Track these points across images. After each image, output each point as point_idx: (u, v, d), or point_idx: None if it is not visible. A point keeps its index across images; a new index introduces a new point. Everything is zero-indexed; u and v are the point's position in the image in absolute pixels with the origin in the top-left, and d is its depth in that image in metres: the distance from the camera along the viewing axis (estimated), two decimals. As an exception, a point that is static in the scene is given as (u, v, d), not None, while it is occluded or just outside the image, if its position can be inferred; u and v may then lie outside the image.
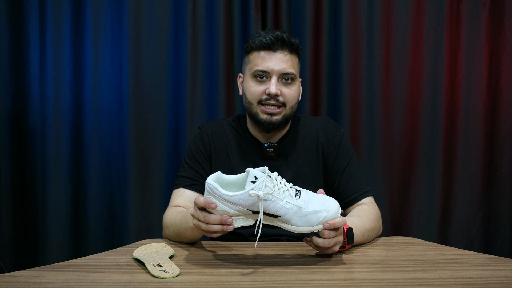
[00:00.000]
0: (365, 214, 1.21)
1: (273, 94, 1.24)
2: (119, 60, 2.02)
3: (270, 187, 0.93)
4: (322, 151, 1.34)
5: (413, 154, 2.09)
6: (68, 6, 1.99)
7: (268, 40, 1.25)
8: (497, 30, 2.06)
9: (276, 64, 1.25)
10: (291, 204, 0.94)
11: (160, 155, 2.03)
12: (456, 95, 2.08)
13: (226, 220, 0.93)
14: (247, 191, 0.92)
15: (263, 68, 1.25)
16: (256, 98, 1.27)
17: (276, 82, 1.25)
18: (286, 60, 1.26)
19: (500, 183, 2.09)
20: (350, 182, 1.30)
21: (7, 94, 2.01)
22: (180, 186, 1.31)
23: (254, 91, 1.27)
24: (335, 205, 0.98)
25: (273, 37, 1.25)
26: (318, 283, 0.88)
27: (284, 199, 0.94)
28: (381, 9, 2.03)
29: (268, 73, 1.25)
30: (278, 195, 0.94)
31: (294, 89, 1.29)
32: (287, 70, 1.25)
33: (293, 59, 1.28)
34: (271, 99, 1.25)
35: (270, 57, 1.25)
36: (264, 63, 1.25)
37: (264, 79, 1.27)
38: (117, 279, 0.89)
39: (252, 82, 1.28)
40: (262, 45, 1.26)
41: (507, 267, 0.96)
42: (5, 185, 2.01)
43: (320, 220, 0.96)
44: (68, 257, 2.01)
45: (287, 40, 1.26)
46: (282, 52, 1.26)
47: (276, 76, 1.25)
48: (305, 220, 0.95)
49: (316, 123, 1.38)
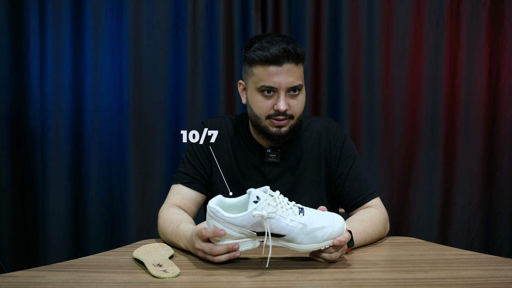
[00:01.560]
0: (369, 219, 1.19)
1: (282, 110, 1.19)
2: (119, 60, 2.02)
3: (273, 205, 0.92)
4: (325, 154, 1.31)
5: (413, 154, 2.09)
6: (68, 6, 1.99)
7: (273, 55, 1.17)
8: (497, 30, 2.06)
9: (284, 79, 1.18)
10: (295, 222, 0.93)
11: (160, 155, 2.03)
12: (456, 95, 2.08)
13: (233, 247, 0.93)
14: (250, 212, 0.91)
15: (270, 84, 1.18)
16: (264, 113, 1.22)
17: (285, 97, 1.19)
18: (293, 72, 1.19)
19: (500, 183, 2.09)
20: (354, 185, 1.28)
21: (7, 94, 2.01)
22: (178, 182, 1.29)
23: (261, 106, 1.21)
24: (340, 220, 0.97)
25: (278, 51, 1.17)
26: (318, 283, 0.88)
27: (288, 217, 0.93)
28: (381, 9, 2.03)
29: (276, 88, 1.19)
30: (282, 213, 0.92)
31: (301, 99, 1.24)
32: (294, 83, 1.19)
33: (299, 69, 1.22)
34: (280, 114, 1.20)
35: (276, 72, 1.18)
36: (271, 78, 1.18)
37: (272, 94, 1.20)
38: (117, 279, 0.89)
39: (259, 97, 1.21)
40: (268, 60, 1.17)
41: (507, 267, 0.96)
42: (5, 185, 2.01)
43: (326, 236, 0.94)
44: (68, 257, 2.01)
45: (293, 52, 1.18)
46: (289, 64, 1.18)
47: (283, 91, 1.19)
48: (311, 237, 0.94)
49: (318, 125, 1.35)
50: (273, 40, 1.20)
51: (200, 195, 1.30)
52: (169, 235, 1.12)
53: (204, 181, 1.31)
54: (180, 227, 1.10)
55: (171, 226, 1.14)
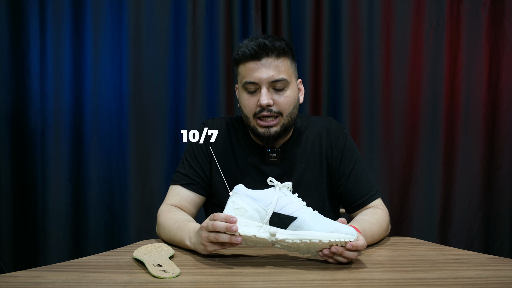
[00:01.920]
0: (377, 221, 1.18)
1: (264, 105, 1.18)
2: (119, 60, 2.02)
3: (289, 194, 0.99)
4: (326, 155, 1.30)
5: (413, 154, 2.09)
6: (68, 6, 1.99)
7: (251, 50, 1.17)
8: (497, 30, 2.06)
9: (263, 73, 1.18)
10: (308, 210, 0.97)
11: (160, 155, 2.03)
12: (456, 95, 2.08)
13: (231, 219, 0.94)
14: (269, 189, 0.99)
15: (251, 79, 1.19)
16: (250, 112, 1.22)
17: (267, 92, 1.18)
18: (273, 66, 1.18)
19: (500, 183, 2.09)
20: (357, 186, 1.28)
21: (7, 94, 2.01)
22: (177, 183, 1.29)
23: (247, 104, 1.22)
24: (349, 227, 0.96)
25: (256, 46, 1.17)
26: (318, 283, 0.88)
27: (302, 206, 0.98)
28: (381, 9, 2.03)
29: (257, 83, 1.19)
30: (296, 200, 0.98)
31: (289, 95, 1.22)
32: (275, 77, 1.18)
33: (283, 63, 1.20)
34: (264, 111, 1.19)
35: (256, 67, 1.18)
36: (251, 73, 1.19)
37: (255, 91, 1.21)
38: (117, 279, 0.89)
39: (245, 95, 1.22)
40: (246, 56, 1.19)
41: (507, 267, 0.96)
42: (5, 185, 2.01)
43: (335, 227, 0.93)
44: (68, 257, 2.01)
45: (270, 45, 1.18)
46: (268, 58, 1.18)
47: (265, 85, 1.18)
48: (322, 224, 0.94)
49: (318, 125, 1.34)
50: (254, 38, 1.22)
51: (199, 196, 1.30)
52: (174, 232, 1.12)
53: (203, 182, 1.30)
54: (189, 224, 1.11)
55: (176, 224, 1.14)
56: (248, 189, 1.00)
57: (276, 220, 0.96)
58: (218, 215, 0.96)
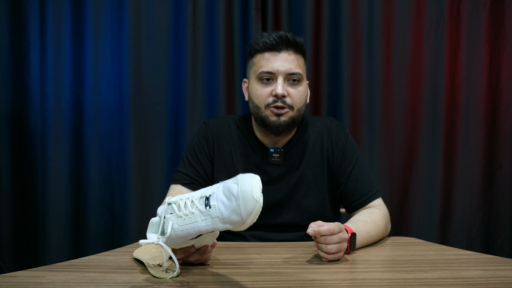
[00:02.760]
0: (372, 220, 1.19)
1: (280, 95, 1.20)
2: (119, 60, 2.02)
3: (181, 216, 0.86)
4: (327, 154, 1.31)
5: (413, 154, 2.09)
6: (68, 6, 1.99)
7: (272, 41, 1.21)
8: (497, 30, 2.06)
9: (282, 65, 1.21)
10: (208, 219, 0.84)
11: (160, 155, 2.03)
12: (456, 95, 2.08)
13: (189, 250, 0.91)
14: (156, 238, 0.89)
15: (268, 69, 1.21)
16: (263, 102, 1.23)
17: (283, 82, 1.21)
18: (291, 60, 1.22)
19: (500, 183, 2.09)
20: (357, 186, 1.28)
21: (7, 94, 2.01)
22: (178, 183, 1.29)
23: (260, 94, 1.23)
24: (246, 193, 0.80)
25: (277, 37, 1.21)
26: (318, 283, 0.88)
27: (198, 218, 0.84)
28: (381, 9, 2.03)
29: (274, 74, 1.21)
30: (191, 220, 0.85)
31: (301, 90, 1.24)
32: (293, 70, 1.22)
33: (299, 59, 1.25)
34: (278, 101, 1.21)
35: (275, 58, 1.22)
36: (269, 64, 1.21)
37: (270, 81, 1.22)
38: (117, 279, 0.89)
39: (258, 85, 1.24)
40: (266, 46, 1.22)
41: (507, 267, 0.96)
42: (5, 185, 2.01)
43: (243, 212, 0.79)
44: (68, 257, 2.01)
45: (292, 40, 1.22)
46: (287, 52, 1.22)
47: (282, 76, 1.21)
48: (232, 222, 0.82)
49: (319, 124, 1.34)
50: (273, 32, 1.25)
51: None
52: None
53: (204, 182, 1.30)
54: None
55: None
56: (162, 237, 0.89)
57: None
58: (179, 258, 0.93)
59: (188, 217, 0.86)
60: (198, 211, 0.85)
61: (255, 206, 0.80)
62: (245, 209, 0.80)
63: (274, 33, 1.24)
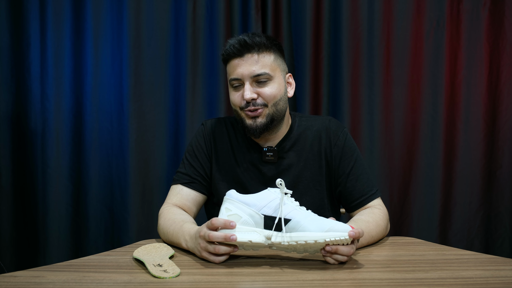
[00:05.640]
0: (374, 220, 1.19)
1: (247, 99, 1.21)
2: (119, 60, 2.02)
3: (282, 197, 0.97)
4: (325, 154, 1.31)
5: (413, 154, 2.09)
6: (68, 6, 1.99)
7: (232, 48, 1.22)
8: (497, 30, 2.06)
9: (245, 69, 1.22)
10: (302, 210, 0.97)
11: (160, 155, 2.03)
12: (456, 95, 2.08)
13: (231, 237, 0.94)
14: (263, 192, 0.99)
15: (234, 75, 1.23)
16: (237, 105, 1.26)
17: (250, 86, 1.22)
18: (255, 61, 1.22)
19: (500, 183, 2.09)
20: (356, 185, 1.28)
21: (7, 94, 2.01)
22: (178, 183, 1.30)
23: (233, 99, 1.27)
24: (343, 224, 0.95)
25: (236, 43, 1.22)
26: (318, 283, 0.88)
27: (294, 204, 0.98)
28: (381, 9, 2.04)
29: (240, 79, 1.23)
30: (289, 201, 0.97)
31: (273, 87, 1.24)
32: (257, 71, 1.21)
33: (265, 57, 1.23)
34: (250, 105, 1.23)
35: (239, 63, 1.22)
36: (235, 70, 1.23)
37: (240, 86, 1.24)
38: (117, 279, 0.89)
39: (232, 91, 1.28)
40: (229, 54, 1.23)
41: (507, 267, 0.96)
42: (5, 185, 2.02)
43: (329, 227, 0.93)
44: (68, 257, 2.01)
45: (250, 42, 1.21)
46: (250, 54, 1.22)
47: (248, 81, 1.22)
48: (316, 224, 0.94)
49: (318, 123, 1.34)
50: (236, 36, 1.26)
51: (200, 195, 1.30)
52: (171, 234, 1.12)
53: (204, 181, 1.31)
54: (184, 225, 1.10)
55: (173, 225, 1.14)
56: (240, 194, 1.00)
57: (270, 223, 0.96)
58: (217, 221, 0.96)
59: (289, 199, 0.99)
60: (297, 205, 1.00)
61: None
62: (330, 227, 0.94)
63: (233, 38, 1.24)
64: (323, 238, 0.92)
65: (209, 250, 0.97)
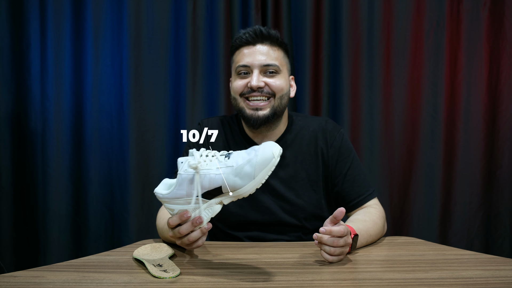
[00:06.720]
0: (371, 219, 1.19)
1: (254, 87, 1.22)
2: (119, 60, 2.02)
3: (195, 163, 0.91)
4: (322, 154, 1.31)
5: (413, 154, 2.09)
6: (68, 6, 1.99)
7: (247, 36, 1.25)
8: (497, 30, 2.06)
9: (256, 58, 1.24)
10: (222, 168, 0.90)
11: (160, 155, 2.03)
12: (456, 95, 2.08)
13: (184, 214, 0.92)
14: (177, 180, 0.92)
15: (244, 63, 1.24)
16: (238, 92, 1.26)
17: (258, 74, 1.23)
18: (266, 52, 1.25)
19: (500, 183, 2.09)
20: (353, 186, 1.29)
21: (7, 94, 2.01)
22: None
23: (236, 85, 1.26)
24: (267, 144, 0.90)
25: (252, 32, 1.25)
26: (318, 283, 0.88)
27: (213, 166, 0.91)
28: (381, 9, 2.03)
29: (249, 67, 1.24)
30: (206, 166, 0.91)
31: (281, 80, 1.26)
32: (267, 61, 1.24)
33: (276, 52, 1.26)
34: (254, 92, 1.23)
35: (249, 52, 1.25)
36: (245, 58, 1.25)
37: (248, 75, 1.25)
38: (117, 279, 0.89)
39: (237, 79, 1.27)
40: (242, 42, 1.26)
41: (507, 267, 0.96)
42: (5, 185, 2.02)
43: (255, 167, 0.88)
44: (68, 257, 2.01)
45: (265, 33, 1.25)
46: (262, 44, 1.25)
47: (257, 69, 1.24)
48: (243, 176, 0.89)
49: (314, 124, 1.34)
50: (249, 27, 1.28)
51: None
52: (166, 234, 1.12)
53: None
54: None
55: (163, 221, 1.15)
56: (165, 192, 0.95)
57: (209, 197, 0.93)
58: (172, 221, 0.95)
59: (205, 163, 0.91)
60: (216, 160, 0.91)
61: (270, 161, 0.87)
62: (261, 159, 0.87)
63: (249, 28, 1.27)
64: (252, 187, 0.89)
65: (186, 243, 0.97)
